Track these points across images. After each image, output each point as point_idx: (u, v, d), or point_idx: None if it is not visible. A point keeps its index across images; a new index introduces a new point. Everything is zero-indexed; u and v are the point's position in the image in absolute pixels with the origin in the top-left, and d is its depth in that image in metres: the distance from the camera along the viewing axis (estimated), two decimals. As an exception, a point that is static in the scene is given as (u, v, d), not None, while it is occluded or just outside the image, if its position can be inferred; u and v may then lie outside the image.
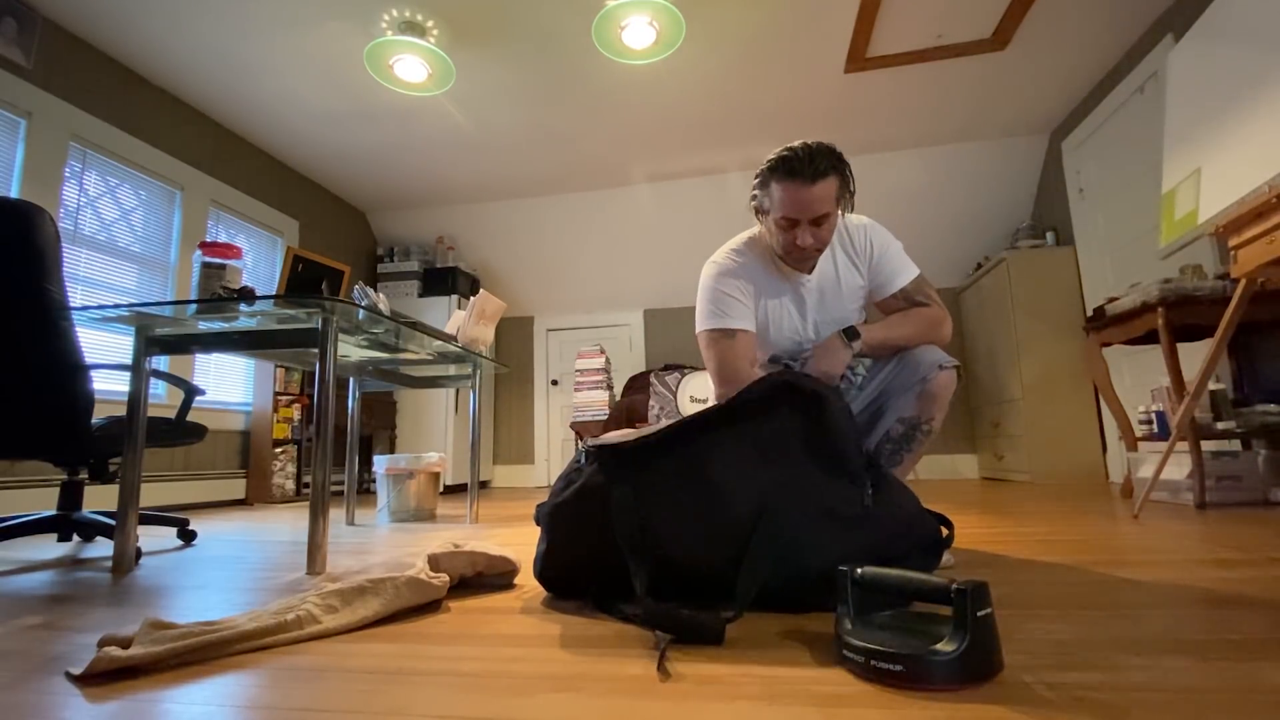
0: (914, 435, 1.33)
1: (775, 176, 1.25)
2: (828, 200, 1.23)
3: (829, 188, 1.23)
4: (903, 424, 1.33)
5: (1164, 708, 0.56)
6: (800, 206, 1.23)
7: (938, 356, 1.32)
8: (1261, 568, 1.14)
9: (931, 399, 1.30)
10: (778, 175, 1.24)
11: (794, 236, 1.27)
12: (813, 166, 1.21)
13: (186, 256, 3.43)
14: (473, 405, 2.53)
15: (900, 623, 0.75)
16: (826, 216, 1.26)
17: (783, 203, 1.25)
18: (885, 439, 1.35)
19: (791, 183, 1.22)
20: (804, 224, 1.25)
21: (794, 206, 1.23)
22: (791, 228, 1.27)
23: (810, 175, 1.21)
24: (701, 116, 3.77)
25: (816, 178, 1.21)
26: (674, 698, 0.63)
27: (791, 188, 1.22)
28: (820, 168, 1.21)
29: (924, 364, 1.31)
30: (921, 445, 1.34)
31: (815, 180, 1.21)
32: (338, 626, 0.90)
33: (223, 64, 3.16)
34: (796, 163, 1.21)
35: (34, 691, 0.69)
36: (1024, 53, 3.24)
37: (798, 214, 1.24)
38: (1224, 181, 1.97)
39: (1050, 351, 3.74)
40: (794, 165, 1.21)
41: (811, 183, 1.21)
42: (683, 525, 0.93)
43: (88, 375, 1.63)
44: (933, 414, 1.31)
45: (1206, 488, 2.11)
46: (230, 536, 2.10)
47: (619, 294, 5.26)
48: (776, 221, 1.28)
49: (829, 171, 1.22)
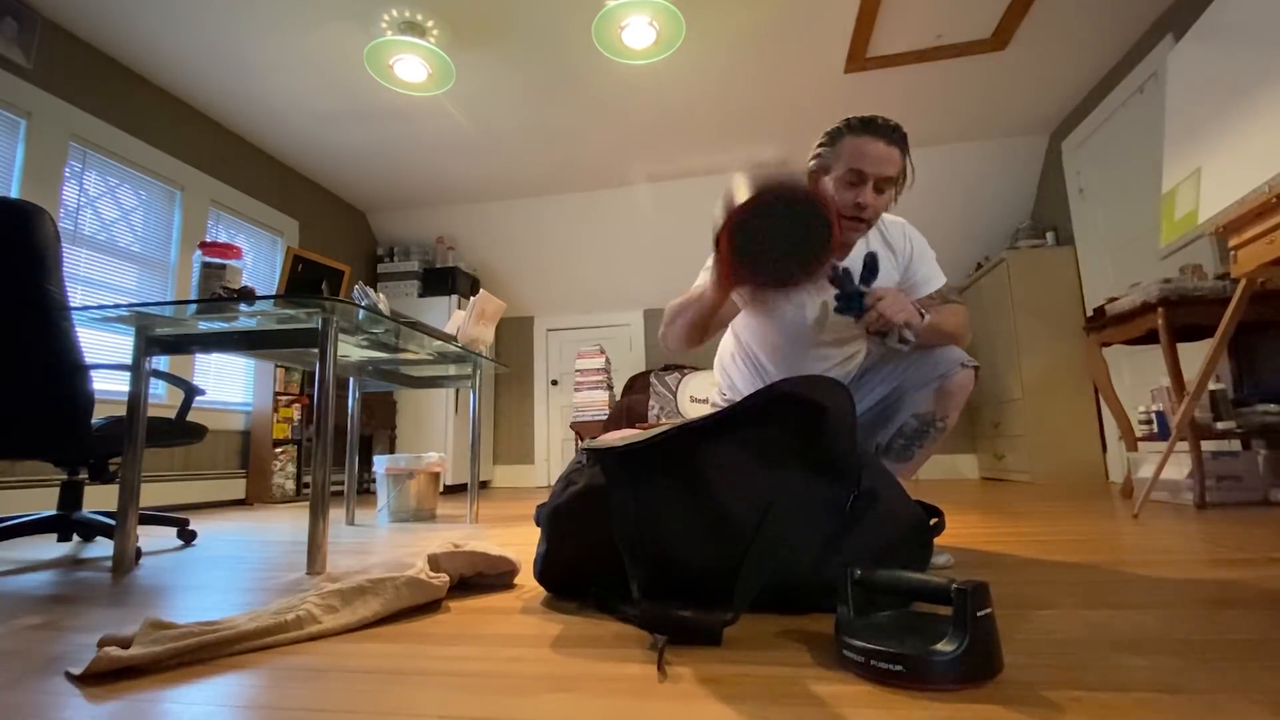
0: (927, 432, 1.35)
1: (852, 131, 1.24)
2: (896, 164, 1.23)
3: (899, 156, 1.24)
4: (917, 419, 1.35)
5: (1164, 708, 0.56)
6: (873, 160, 1.22)
7: (960, 355, 1.33)
8: (1261, 568, 1.14)
9: (948, 396, 1.32)
10: (855, 130, 1.24)
11: (856, 194, 1.24)
12: (892, 130, 1.23)
13: (186, 256, 3.43)
14: (473, 405, 2.53)
15: (900, 623, 0.74)
16: (889, 182, 1.25)
17: (855, 155, 1.23)
18: (898, 433, 1.36)
19: (870, 136, 1.22)
20: (870, 182, 1.23)
21: (867, 159, 1.22)
22: (856, 183, 1.24)
23: (888, 136, 1.22)
24: (701, 116, 3.77)
25: (893, 141, 1.22)
26: (673, 698, 0.63)
27: (869, 141, 1.22)
28: (897, 135, 1.23)
29: (945, 360, 1.32)
30: (934, 442, 1.36)
31: (892, 143, 1.22)
32: (338, 626, 0.90)
33: (223, 64, 3.16)
34: (877, 122, 1.23)
35: (34, 691, 0.69)
36: (1024, 53, 3.24)
37: (869, 167, 1.22)
38: (1224, 181, 1.97)
39: (1050, 351, 3.74)
40: (874, 123, 1.23)
41: (889, 142, 1.22)
42: (682, 527, 0.93)
43: (88, 375, 1.63)
44: (948, 412, 1.33)
45: (1206, 488, 2.11)
46: (230, 536, 2.10)
47: (619, 294, 5.26)
48: (841, 178, 1.25)
49: (902, 142, 1.24)
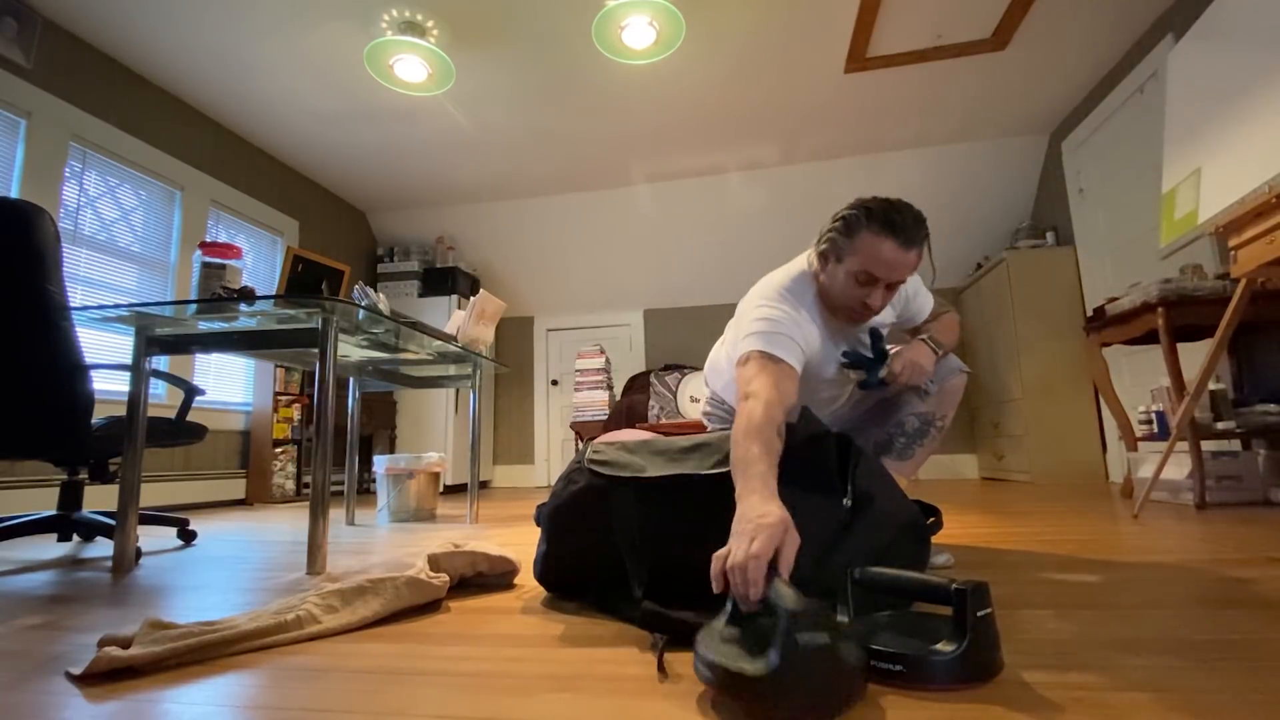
0: (927, 431, 1.38)
1: (871, 227, 1.12)
2: (912, 268, 1.15)
3: (917, 258, 1.14)
4: (918, 418, 1.38)
5: (1164, 708, 0.56)
6: (889, 267, 1.12)
7: (956, 363, 1.40)
8: (1261, 568, 1.14)
9: (946, 396, 1.38)
10: (875, 227, 1.12)
11: (866, 294, 1.17)
12: (915, 232, 1.11)
13: (186, 256, 3.43)
14: (473, 405, 2.53)
15: (900, 623, 0.74)
16: (902, 283, 1.18)
17: (871, 258, 1.13)
18: (900, 431, 1.39)
19: (890, 239, 1.11)
20: (881, 284, 1.16)
21: (882, 265, 1.12)
22: (867, 284, 1.16)
23: (910, 239, 1.11)
24: (701, 116, 3.76)
25: (913, 244, 1.12)
26: (674, 698, 0.63)
27: (888, 245, 1.11)
28: (919, 236, 1.12)
29: (944, 368, 1.38)
30: (934, 441, 1.39)
31: (911, 246, 1.12)
32: (338, 626, 0.90)
33: (223, 64, 3.16)
34: (900, 222, 1.11)
35: (34, 691, 0.69)
36: (1024, 53, 3.24)
37: (884, 274, 1.13)
38: (1224, 181, 1.97)
39: (1050, 351, 3.74)
40: (897, 223, 1.10)
41: (908, 248, 1.11)
42: (682, 528, 0.93)
43: (88, 375, 1.63)
44: (946, 411, 1.38)
45: (1206, 488, 2.11)
46: (230, 536, 2.10)
47: (619, 294, 5.25)
48: (853, 274, 1.16)
49: (923, 242, 1.14)
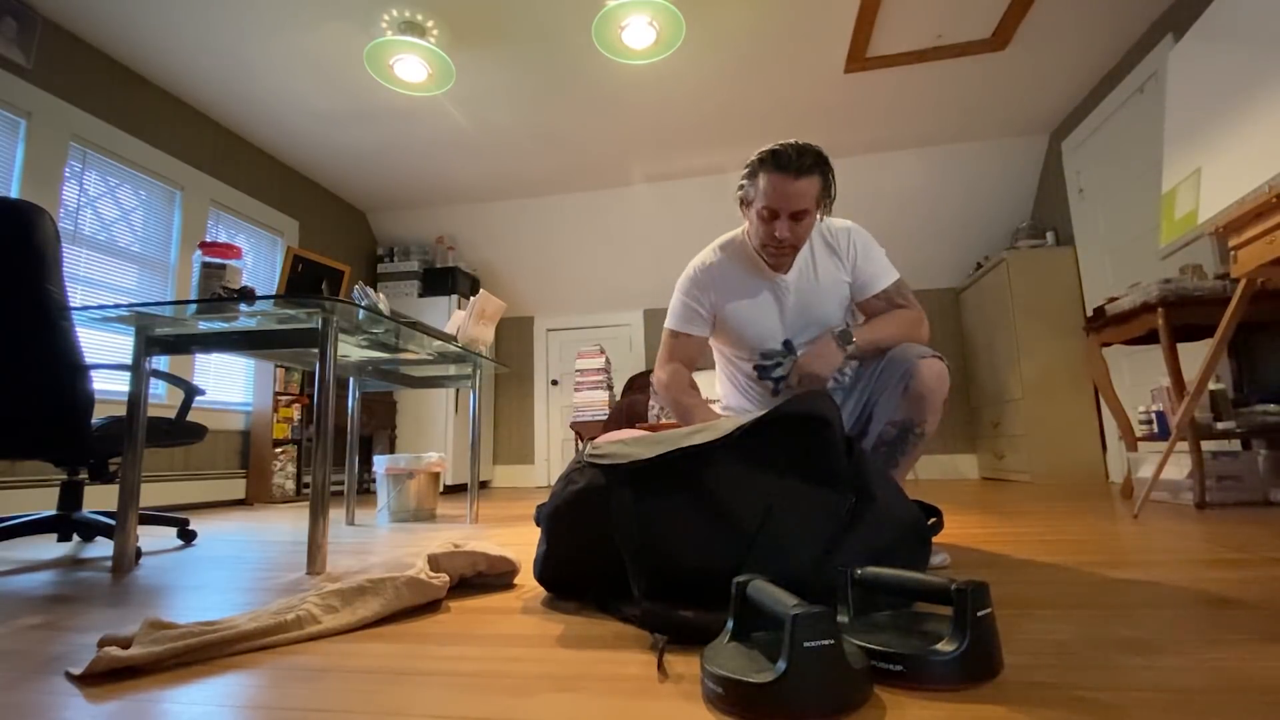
0: (906, 438, 1.30)
1: (763, 168, 1.30)
2: (809, 197, 1.30)
3: (812, 185, 1.29)
4: (895, 426, 1.31)
5: (1164, 708, 0.56)
6: (783, 198, 1.29)
7: (916, 350, 1.31)
8: (1261, 568, 1.14)
9: (920, 399, 1.27)
10: (766, 167, 1.30)
11: (773, 228, 1.33)
12: (799, 161, 1.27)
13: (186, 256, 3.43)
14: (473, 405, 2.53)
15: (900, 623, 0.74)
16: (805, 213, 1.31)
17: (766, 193, 1.30)
18: (879, 443, 1.33)
19: (778, 174, 1.28)
20: (784, 217, 1.31)
21: (777, 198, 1.29)
22: (772, 219, 1.32)
23: (796, 170, 1.27)
24: (701, 116, 3.77)
25: (801, 173, 1.27)
26: (674, 698, 0.63)
27: (777, 179, 1.28)
28: (806, 164, 1.27)
29: (904, 359, 1.30)
30: (915, 449, 1.31)
31: (800, 175, 1.27)
32: (338, 626, 0.90)
33: (223, 64, 3.16)
34: (784, 157, 1.28)
35: (34, 691, 0.69)
36: (1024, 53, 3.24)
37: (779, 205, 1.30)
38: (1224, 181, 1.97)
39: (1050, 351, 3.74)
40: (782, 159, 1.28)
41: (796, 177, 1.27)
42: (682, 528, 0.93)
43: (88, 375, 1.63)
44: (924, 416, 1.28)
45: (1206, 488, 2.11)
46: (230, 536, 2.10)
47: (619, 294, 5.26)
48: (758, 212, 1.34)
49: (813, 170, 1.29)
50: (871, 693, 0.61)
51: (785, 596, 0.62)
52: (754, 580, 0.68)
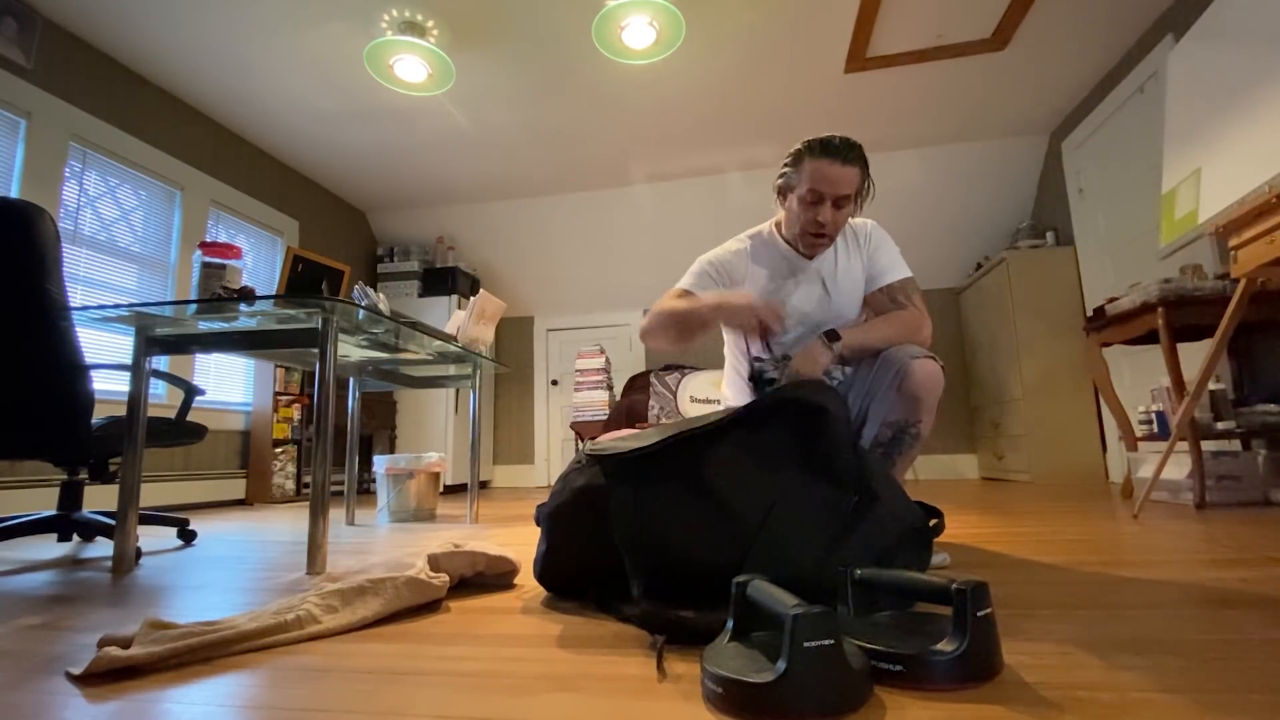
0: (901, 439, 1.30)
1: (811, 154, 1.35)
2: (852, 183, 1.35)
3: (856, 175, 1.35)
4: (890, 427, 1.31)
5: (1164, 708, 0.56)
6: (830, 183, 1.33)
7: (909, 350, 1.31)
8: (1261, 568, 1.14)
9: (914, 399, 1.27)
10: (814, 153, 1.35)
11: (816, 213, 1.37)
12: (847, 150, 1.33)
13: (186, 256, 3.43)
14: (473, 405, 2.53)
15: (900, 623, 0.74)
16: (847, 200, 1.36)
17: (813, 177, 1.34)
18: (875, 443, 1.33)
19: (826, 159, 1.33)
20: (828, 201, 1.35)
21: (824, 181, 1.34)
22: (815, 203, 1.36)
23: (844, 157, 1.33)
24: (701, 116, 3.77)
25: (849, 161, 1.33)
26: (673, 698, 0.63)
27: (825, 164, 1.33)
28: (853, 155, 1.34)
29: (897, 359, 1.30)
30: (911, 449, 1.31)
31: (847, 163, 1.33)
32: (338, 626, 0.90)
33: (223, 64, 3.16)
34: (833, 144, 1.34)
35: (34, 691, 0.69)
36: (1024, 53, 3.24)
37: (826, 189, 1.34)
38: (1224, 181, 1.97)
39: (1050, 351, 3.74)
40: (831, 146, 1.34)
41: (844, 163, 1.33)
42: (682, 527, 0.92)
43: (88, 375, 1.63)
44: (919, 416, 1.28)
45: (1206, 488, 2.11)
46: (230, 536, 2.10)
47: (619, 294, 5.25)
48: (801, 197, 1.37)
49: (859, 161, 1.35)
50: (871, 693, 0.61)
51: (785, 596, 0.62)
52: (754, 580, 0.68)
